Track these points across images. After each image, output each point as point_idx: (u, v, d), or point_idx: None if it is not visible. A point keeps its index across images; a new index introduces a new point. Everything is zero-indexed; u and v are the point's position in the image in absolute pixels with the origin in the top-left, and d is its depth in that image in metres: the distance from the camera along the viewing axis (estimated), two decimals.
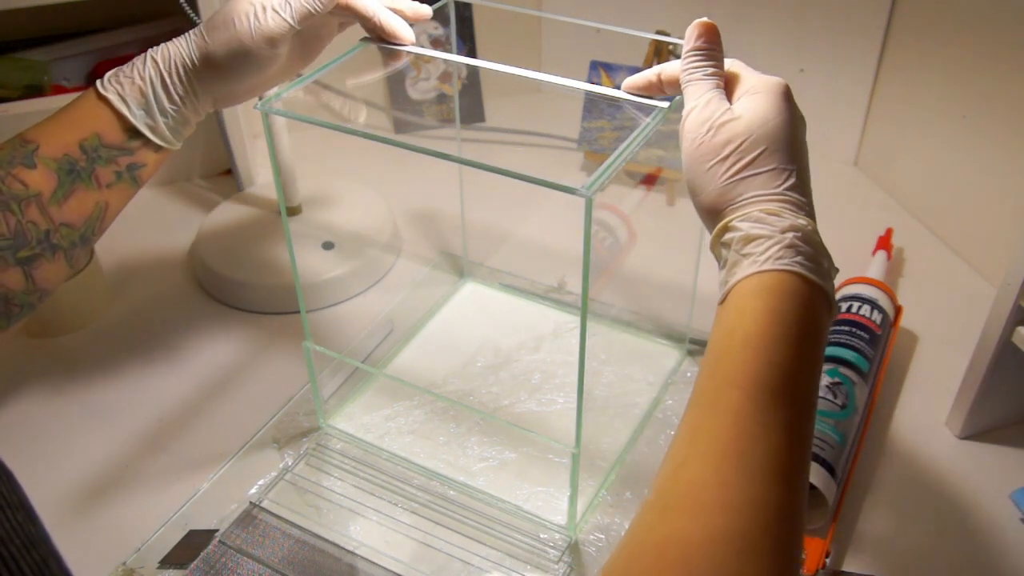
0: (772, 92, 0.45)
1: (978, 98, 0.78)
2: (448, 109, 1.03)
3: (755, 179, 0.42)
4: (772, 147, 0.43)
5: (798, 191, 0.43)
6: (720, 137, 0.43)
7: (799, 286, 0.40)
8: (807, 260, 0.41)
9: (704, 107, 0.44)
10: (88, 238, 0.56)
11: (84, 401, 0.69)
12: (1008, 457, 0.64)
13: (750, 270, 0.41)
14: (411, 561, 0.56)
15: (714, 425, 0.37)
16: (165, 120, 0.56)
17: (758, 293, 0.40)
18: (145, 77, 0.55)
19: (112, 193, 0.56)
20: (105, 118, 0.55)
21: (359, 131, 0.51)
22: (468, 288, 0.80)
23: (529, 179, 0.44)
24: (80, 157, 0.54)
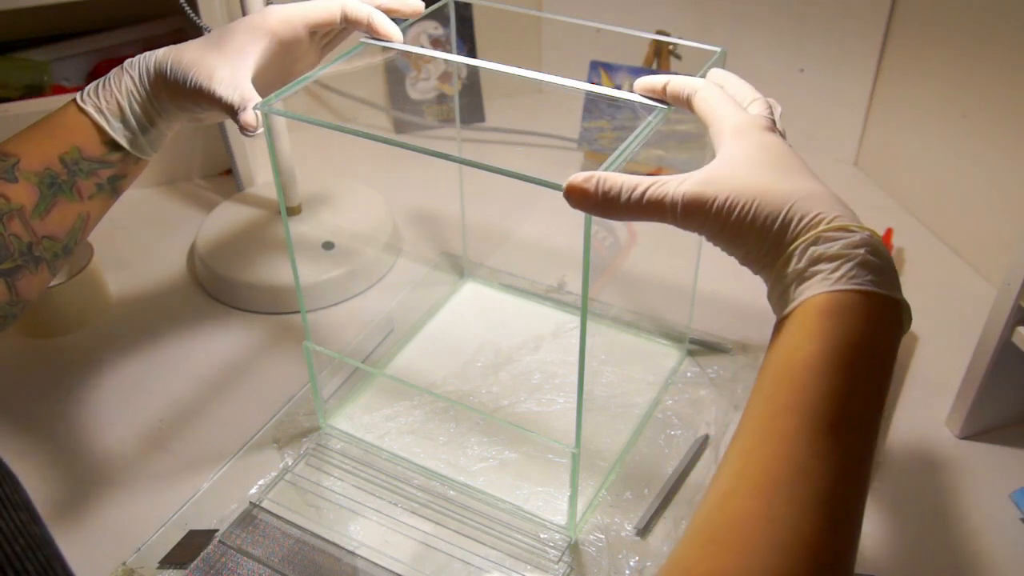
0: (753, 130, 0.43)
1: (978, 98, 0.78)
2: (448, 109, 1.03)
3: (804, 201, 0.40)
4: (789, 175, 0.41)
5: (842, 202, 0.41)
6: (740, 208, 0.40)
7: (873, 306, 0.38)
8: (880, 275, 0.38)
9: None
10: (70, 248, 0.56)
11: (84, 401, 0.69)
12: (1008, 457, 0.64)
13: (821, 288, 0.38)
14: (411, 561, 0.56)
15: (766, 453, 0.35)
16: (143, 130, 0.56)
17: (828, 314, 0.37)
18: (122, 90, 0.56)
19: (93, 204, 0.57)
20: (85, 131, 0.55)
21: (359, 131, 0.51)
22: (468, 288, 0.80)
23: (529, 179, 0.44)
24: (61, 171, 0.55)
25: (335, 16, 0.57)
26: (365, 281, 0.81)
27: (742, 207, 0.40)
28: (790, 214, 0.39)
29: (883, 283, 0.38)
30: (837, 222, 0.39)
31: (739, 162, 0.41)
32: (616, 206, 0.41)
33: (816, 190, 0.41)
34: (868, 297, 0.38)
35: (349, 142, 0.63)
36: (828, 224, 0.39)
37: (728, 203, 0.40)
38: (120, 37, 1.02)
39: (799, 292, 0.39)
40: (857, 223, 0.39)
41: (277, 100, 0.52)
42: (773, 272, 0.40)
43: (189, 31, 1.02)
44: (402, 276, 0.82)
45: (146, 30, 1.03)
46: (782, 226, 0.39)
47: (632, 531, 0.58)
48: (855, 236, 0.39)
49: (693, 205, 0.40)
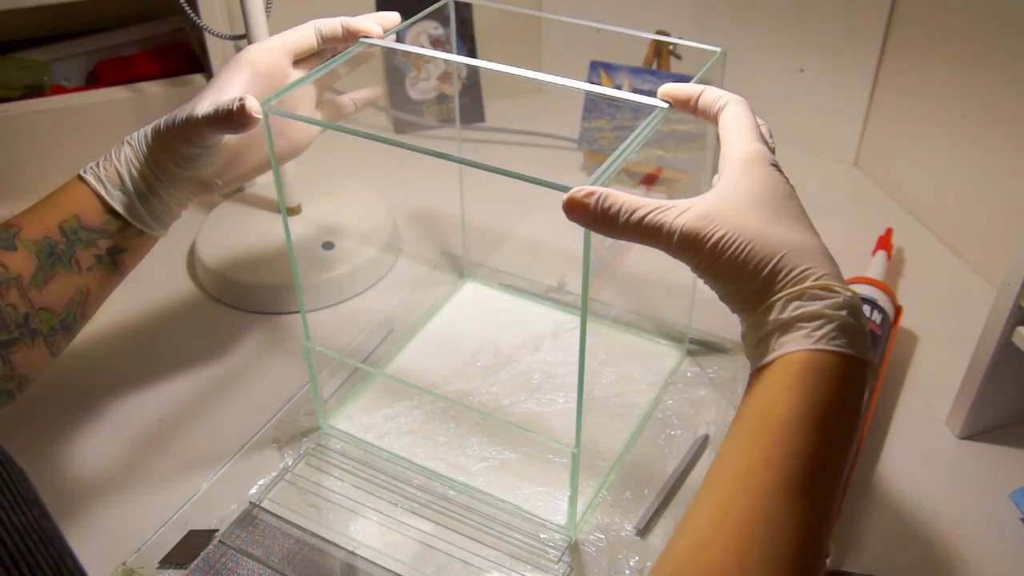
0: (756, 164, 0.43)
1: (978, 98, 0.78)
2: (448, 109, 1.03)
3: (795, 254, 0.41)
4: (786, 222, 0.42)
5: (832, 258, 0.42)
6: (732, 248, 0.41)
7: (848, 367, 0.39)
8: (857, 338, 0.40)
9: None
10: (69, 325, 0.56)
11: (84, 401, 0.69)
12: (1008, 457, 0.64)
13: (802, 345, 0.39)
14: (411, 561, 0.56)
15: (741, 507, 0.36)
16: (142, 199, 0.56)
17: (808, 372, 0.39)
18: (121, 157, 0.56)
19: (93, 278, 0.56)
20: (85, 199, 0.55)
21: (359, 131, 0.51)
22: (468, 288, 0.80)
23: (529, 179, 0.44)
24: (60, 239, 0.54)
25: (311, 38, 0.58)
26: (365, 281, 0.81)
27: (735, 249, 0.40)
28: (780, 264, 0.40)
29: (859, 346, 0.40)
30: (823, 280, 0.40)
31: (739, 200, 0.42)
32: (613, 226, 0.42)
33: (807, 243, 0.42)
34: (844, 359, 0.39)
35: (349, 142, 0.63)
36: (815, 281, 0.40)
37: (723, 243, 0.41)
38: (120, 37, 1.02)
39: (779, 344, 0.40)
40: (841, 283, 0.41)
41: (277, 100, 0.52)
42: (753, 316, 0.41)
43: (189, 31, 1.02)
44: (402, 276, 0.82)
45: (146, 30, 1.03)
46: (770, 274, 0.40)
47: (632, 531, 0.58)
48: (839, 298, 0.40)
49: (689, 239, 0.41)
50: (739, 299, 0.42)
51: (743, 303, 0.42)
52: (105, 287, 0.58)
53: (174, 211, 0.58)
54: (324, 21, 0.58)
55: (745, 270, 0.41)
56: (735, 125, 0.46)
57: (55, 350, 0.56)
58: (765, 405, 0.39)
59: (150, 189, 0.56)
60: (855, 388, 0.40)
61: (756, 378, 0.41)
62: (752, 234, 0.41)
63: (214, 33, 0.82)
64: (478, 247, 0.82)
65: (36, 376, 0.56)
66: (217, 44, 0.85)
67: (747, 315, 0.42)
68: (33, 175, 0.90)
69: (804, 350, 0.39)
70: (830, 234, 0.40)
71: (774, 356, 0.40)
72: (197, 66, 0.98)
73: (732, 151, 0.44)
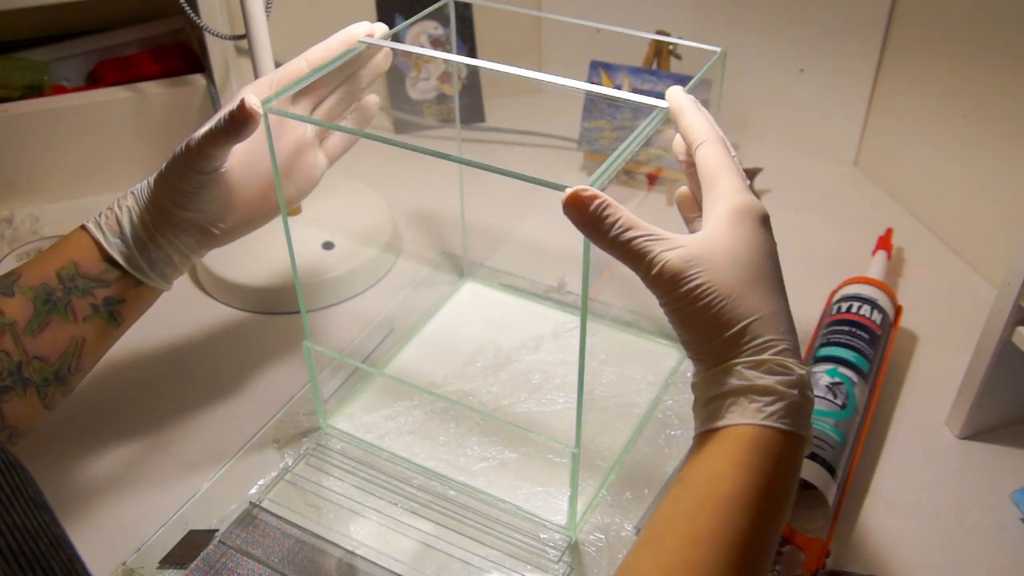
0: (749, 219, 0.43)
1: (978, 98, 0.78)
2: (448, 109, 1.03)
3: (761, 323, 0.42)
4: (763, 286, 0.42)
5: (793, 331, 0.43)
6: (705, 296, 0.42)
7: (792, 444, 0.41)
8: (802, 416, 0.42)
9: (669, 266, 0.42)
10: (64, 377, 0.55)
11: (82, 401, 0.69)
12: (1008, 457, 0.64)
13: (753, 419, 0.41)
14: (411, 561, 0.56)
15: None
16: (140, 248, 0.55)
17: (754, 450, 0.40)
18: (123, 206, 0.56)
19: (89, 328, 0.55)
20: (84, 247, 0.55)
21: (359, 131, 0.51)
22: (468, 288, 0.80)
23: (529, 179, 0.44)
24: (57, 286, 0.54)
25: (301, 69, 0.56)
26: (365, 281, 0.81)
27: (709, 301, 0.41)
28: (747, 329, 0.41)
29: (802, 424, 0.42)
30: (782, 357, 0.41)
31: (725, 254, 0.42)
32: (602, 235, 0.42)
33: (777, 312, 0.42)
34: (788, 436, 0.41)
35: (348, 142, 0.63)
36: (773, 355, 0.41)
37: (699, 291, 0.41)
38: (120, 37, 1.02)
39: (730, 412, 0.41)
40: (797, 358, 0.42)
41: (277, 100, 0.52)
42: (708, 373, 0.43)
43: (189, 31, 1.02)
44: (402, 276, 0.82)
45: (146, 30, 1.03)
46: (735, 336, 0.41)
47: (632, 531, 0.58)
48: (792, 376, 0.41)
49: (667, 277, 0.42)
50: (698, 350, 0.43)
51: (701, 355, 0.43)
52: (102, 340, 0.57)
53: (175, 262, 0.57)
54: (314, 49, 0.57)
55: (712, 324, 0.42)
56: (721, 168, 0.45)
57: (48, 402, 0.55)
58: (712, 477, 0.41)
59: (149, 236, 0.55)
60: (795, 465, 0.42)
61: (703, 442, 0.42)
62: (728, 291, 0.41)
63: (214, 33, 0.82)
64: (478, 247, 0.82)
65: (28, 430, 0.55)
66: (217, 44, 0.85)
67: (702, 368, 0.43)
68: (33, 175, 0.90)
69: (753, 424, 0.41)
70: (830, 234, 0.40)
71: (724, 424, 0.42)
72: (197, 66, 0.98)
73: (724, 201, 0.44)
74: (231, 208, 0.57)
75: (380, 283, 0.81)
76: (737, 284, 0.41)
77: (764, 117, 0.99)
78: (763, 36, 0.94)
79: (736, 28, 0.95)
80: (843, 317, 0.68)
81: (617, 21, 0.59)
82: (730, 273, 0.42)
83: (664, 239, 0.42)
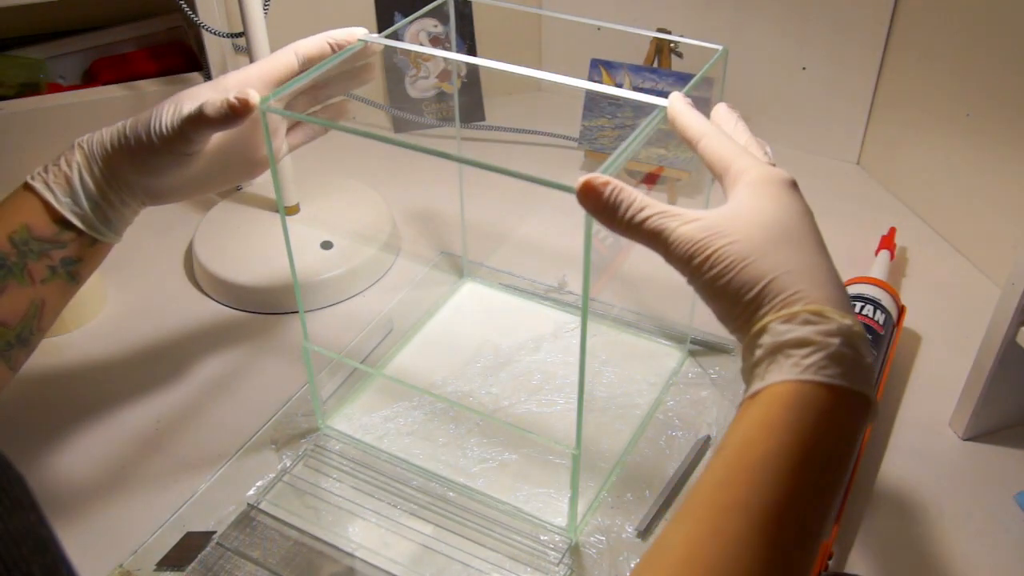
0: (775, 186, 0.42)
1: (982, 96, 0.78)
2: (448, 108, 1.02)
3: (789, 276, 0.39)
4: (792, 243, 0.40)
5: (837, 284, 0.40)
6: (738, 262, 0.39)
7: (839, 401, 0.37)
8: (852, 369, 0.37)
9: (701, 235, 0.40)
10: (26, 338, 0.54)
11: (80, 402, 0.69)
12: (1012, 458, 0.63)
13: (790, 375, 0.37)
14: (410, 563, 0.56)
15: (714, 552, 0.35)
16: (94, 208, 0.54)
17: (791, 408, 0.36)
18: (72, 163, 0.54)
19: (47, 289, 0.54)
20: (34, 209, 0.53)
21: (358, 130, 0.51)
22: (468, 288, 0.80)
23: (529, 178, 0.43)
24: (11, 251, 0.53)
25: (291, 62, 0.56)
26: (364, 281, 0.80)
27: (728, 265, 0.39)
28: (769, 286, 0.39)
29: (853, 377, 0.37)
30: (814, 305, 0.38)
31: (746, 219, 0.40)
32: (617, 219, 0.41)
33: (809, 266, 0.39)
34: (835, 392, 0.37)
35: (347, 141, 0.63)
36: (805, 305, 0.38)
37: (716, 257, 0.39)
38: (117, 35, 1.01)
39: (767, 372, 0.38)
40: (842, 310, 0.38)
41: (275, 99, 0.52)
42: (746, 339, 0.40)
43: (186, 29, 1.02)
44: (401, 276, 0.82)
45: (143, 27, 1.02)
46: (758, 295, 0.39)
47: (633, 533, 0.58)
48: (831, 324, 0.37)
49: (685, 248, 0.40)
50: (730, 319, 0.41)
51: (734, 324, 0.41)
52: (61, 298, 0.56)
53: (127, 218, 0.57)
54: (304, 42, 0.56)
55: (732, 287, 0.39)
56: (729, 154, 0.44)
57: (14, 364, 0.54)
58: (744, 442, 0.37)
59: (102, 195, 0.54)
60: (847, 425, 0.37)
61: (743, 409, 0.39)
62: (749, 252, 0.39)
63: (211, 31, 0.81)
64: (478, 247, 0.82)
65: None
66: (214, 42, 0.85)
67: (740, 338, 0.41)
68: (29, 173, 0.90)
69: (790, 380, 0.37)
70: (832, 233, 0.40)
71: (760, 386, 0.38)
72: (194, 64, 0.97)
73: (742, 178, 0.42)
74: (189, 183, 0.57)
75: (379, 283, 0.81)
76: (759, 245, 0.39)
77: (766, 116, 0.99)
78: (765, 34, 0.93)
79: (738, 26, 0.94)
80: None
81: (618, 19, 0.59)
82: (751, 235, 0.39)
83: (679, 214, 0.41)
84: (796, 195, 0.42)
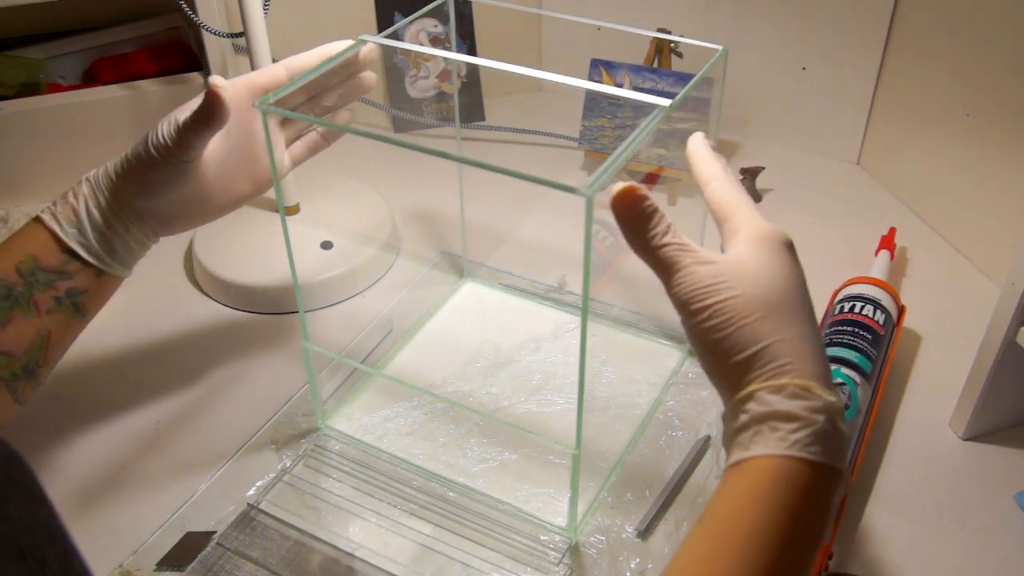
0: (774, 245, 0.42)
1: (982, 96, 0.78)
2: (448, 107, 1.02)
3: (781, 345, 0.40)
4: (787, 311, 0.41)
5: (823, 359, 0.41)
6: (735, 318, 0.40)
7: (821, 477, 0.38)
8: (831, 446, 0.39)
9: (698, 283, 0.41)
10: (32, 370, 0.55)
11: (80, 402, 0.68)
12: (1012, 458, 0.63)
13: (776, 449, 0.38)
14: (410, 563, 0.56)
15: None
16: (99, 238, 0.55)
17: (778, 483, 0.38)
18: (79, 195, 0.55)
19: (53, 320, 0.55)
20: (41, 240, 0.54)
21: (358, 130, 0.51)
22: (468, 288, 0.80)
23: (529, 178, 0.43)
24: (17, 281, 0.54)
25: (279, 75, 0.57)
26: (364, 281, 0.80)
27: (727, 318, 0.40)
28: (761, 352, 0.40)
29: (833, 455, 0.39)
30: (801, 380, 0.39)
31: (750, 274, 0.41)
32: (638, 234, 0.42)
33: (799, 336, 0.40)
34: (816, 468, 0.38)
35: (347, 141, 0.62)
36: (792, 379, 0.39)
37: (720, 307, 0.40)
38: (117, 35, 1.01)
39: (753, 443, 0.39)
40: (826, 386, 0.40)
41: (275, 99, 0.52)
42: (732, 402, 0.41)
43: (186, 29, 1.02)
44: (401, 276, 0.82)
45: (143, 27, 1.02)
46: (748, 359, 0.40)
47: (633, 533, 0.58)
48: (818, 401, 0.39)
49: (693, 288, 0.41)
50: (717, 375, 0.42)
51: (721, 382, 0.42)
52: (67, 331, 0.57)
53: (134, 250, 0.57)
54: (296, 57, 0.57)
55: (725, 344, 0.40)
56: (735, 202, 0.45)
57: (20, 397, 0.55)
58: (732, 514, 0.38)
59: (108, 226, 0.55)
60: (825, 500, 0.39)
61: (728, 477, 0.40)
62: (747, 312, 0.40)
63: (211, 31, 0.81)
64: (478, 247, 0.82)
65: (1, 425, 0.55)
66: (215, 42, 0.85)
67: (726, 398, 0.42)
68: (29, 174, 0.90)
69: (776, 455, 0.38)
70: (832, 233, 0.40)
71: (745, 456, 0.39)
72: (194, 64, 0.97)
73: (745, 229, 0.43)
74: (193, 201, 0.57)
75: (379, 283, 0.81)
76: (758, 306, 0.40)
77: (766, 115, 0.99)
78: (765, 34, 0.93)
79: (738, 26, 0.94)
80: (846, 317, 0.68)
81: (618, 19, 0.59)
82: (753, 294, 0.40)
83: (695, 252, 0.42)
84: (793, 258, 0.43)
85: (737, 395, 0.40)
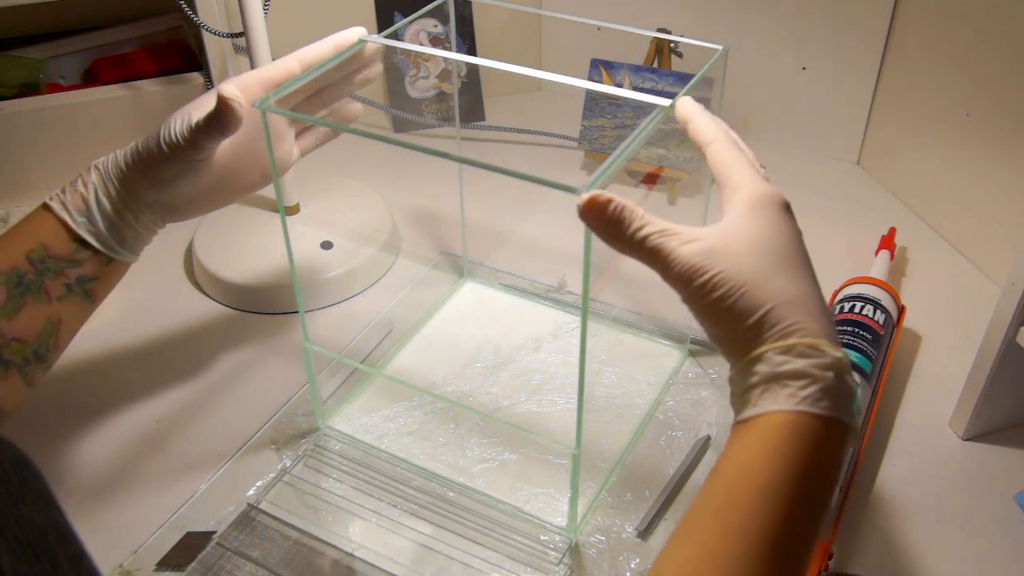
0: (770, 207, 0.42)
1: (982, 95, 0.78)
2: (448, 107, 1.02)
3: (786, 307, 0.40)
4: (786, 272, 0.41)
5: (827, 315, 0.41)
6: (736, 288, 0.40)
7: (832, 432, 0.39)
8: (841, 401, 0.39)
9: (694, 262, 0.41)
10: (43, 355, 0.55)
11: (80, 401, 0.68)
12: (1012, 458, 0.63)
13: (786, 405, 0.38)
14: (410, 563, 0.56)
15: (715, 574, 0.36)
16: (109, 226, 0.55)
17: (788, 437, 0.38)
18: (88, 184, 0.55)
19: (64, 307, 0.55)
20: (51, 228, 0.55)
21: (358, 130, 0.51)
22: (468, 288, 0.80)
23: (529, 178, 0.43)
24: (28, 269, 0.54)
25: (293, 68, 0.57)
26: (364, 281, 0.80)
27: (726, 291, 0.40)
28: (767, 315, 0.40)
29: (843, 410, 0.39)
30: (810, 338, 0.39)
31: (743, 242, 0.41)
32: (618, 236, 0.42)
33: (803, 296, 0.41)
34: (827, 423, 0.39)
35: (347, 141, 0.62)
36: (800, 338, 0.39)
37: (715, 281, 0.40)
38: (117, 35, 1.01)
39: (762, 400, 0.39)
40: (832, 342, 0.40)
41: (275, 99, 0.52)
42: (739, 364, 0.41)
43: (186, 29, 1.02)
44: (401, 276, 0.82)
45: (143, 27, 1.02)
46: (756, 324, 0.40)
47: (633, 533, 0.58)
48: (826, 358, 0.39)
49: (684, 270, 0.41)
50: (725, 343, 0.42)
51: (729, 348, 0.42)
52: (77, 316, 0.57)
53: (143, 236, 0.58)
54: (308, 48, 0.57)
55: (733, 315, 0.40)
56: (733, 163, 0.45)
57: (31, 381, 0.55)
58: (743, 466, 0.38)
59: (117, 214, 0.55)
60: (836, 453, 0.39)
61: (737, 432, 0.40)
62: (746, 279, 0.40)
63: (212, 31, 0.81)
64: (478, 247, 0.82)
65: (13, 408, 0.55)
66: (215, 42, 0.85)
67: (733, 361, 0.42)
68: (29, 174, 0.90)
69: (786, 411, 0.38)
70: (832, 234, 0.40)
71: (756, 412, 0.39)
72: (194, 64, 0.97)
73: (740, 192, 0.43)
74: (203, 192, 0.58)
75: (379, 283, 0.81)
76: (756, 271, 0.40)
77: (766, 115, 0.99)
78: (765, 34, 0.93)
79: (738, 26, 0.94)
80: (846, 317, 0.68)
81: (618, 19, 0.59)
82: (749, 261, 0.40)
83: (679, 234, 0.42)
84: (790, 218, 0.43)
85: (745, 359, 0.40)
